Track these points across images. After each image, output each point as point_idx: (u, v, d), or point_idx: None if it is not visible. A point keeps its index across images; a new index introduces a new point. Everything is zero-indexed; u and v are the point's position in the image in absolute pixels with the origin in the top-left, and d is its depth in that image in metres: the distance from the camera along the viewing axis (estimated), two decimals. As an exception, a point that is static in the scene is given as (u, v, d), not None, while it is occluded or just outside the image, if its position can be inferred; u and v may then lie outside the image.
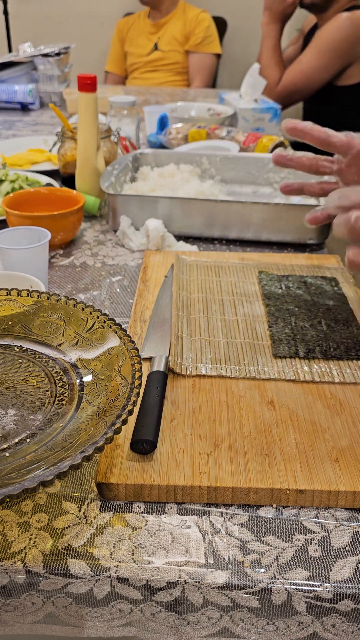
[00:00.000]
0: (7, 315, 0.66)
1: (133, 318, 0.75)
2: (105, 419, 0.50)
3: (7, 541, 0.48)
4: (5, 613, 0.49)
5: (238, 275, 0.86)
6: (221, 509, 0.52)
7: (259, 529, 0.50)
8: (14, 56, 2.12)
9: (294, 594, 0.46)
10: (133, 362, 0.56)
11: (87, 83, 1.05)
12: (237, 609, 0.47)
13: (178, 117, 1.56)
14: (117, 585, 0.47)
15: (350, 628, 0.47)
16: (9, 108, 2.04)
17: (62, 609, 0.48)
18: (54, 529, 0.49)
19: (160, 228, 0.95)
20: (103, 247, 1.01)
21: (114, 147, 1.22)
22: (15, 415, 0.55)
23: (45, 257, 0.82)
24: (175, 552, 0.48)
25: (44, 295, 0.66)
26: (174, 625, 0.48)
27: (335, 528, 0.50)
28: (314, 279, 0.85)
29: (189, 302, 0.79)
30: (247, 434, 0.57)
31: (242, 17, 3.20)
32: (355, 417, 0.60)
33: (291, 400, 0.62)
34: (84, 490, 0.53)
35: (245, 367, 0.67)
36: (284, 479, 0.52)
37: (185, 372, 0.65)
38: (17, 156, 1.42)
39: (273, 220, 0.98)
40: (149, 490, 0.52)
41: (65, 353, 0.62)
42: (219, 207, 0.99)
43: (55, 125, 1.84)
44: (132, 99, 1.47)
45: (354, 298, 0.81)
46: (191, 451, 0.55)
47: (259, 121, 1.63)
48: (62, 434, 0.52)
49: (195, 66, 2.82)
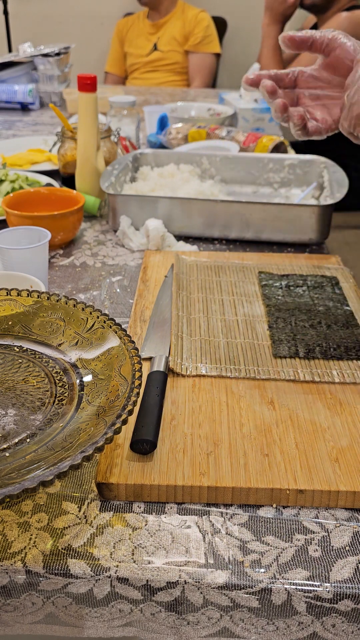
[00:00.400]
0: (7, 315, 0.66)
1: (133, 318, 0.75)
2: (105, 419, 0.50)
3: (7, 541, 0.48)
4: (5, 613, 0.49)
5: (238, 275, 0.86)
6: (221, 509, 0.52)
7: (259, 529, 0.50)
8: (14, 56, 2.12)
9: (294, 594, 0.46)
10: (133, 362, 0.56)
11: (87, 83, 1.05)
12: (237, 609, 0.47)
13: (178, 117, 1.56)
14: (117, 585, 0.47)
15: (350, 628, 0.47)
16: (9, 108, 2.04)
17: (62, 609, 0.48)
18: (54, 529, 0.49)
19: (160, 228, 0.95)
20: (103, 247, 1.01)
21: (114, 147, 1.22)
22: (15, 415, 0.55)
23: (45, 257, 0.82)
24: (175, 552, 0.48)
25: (44, 295, 0.66)
26: (174, 625, 0.48)
27: (335, 528, 0.50)
28: (314, 278, 0.85)
29: (189, 302, 0.79)
30: (247, 434, 0.57)
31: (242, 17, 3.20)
32: (355, 417, 0.60)
33: (291, 400, 0.62)
34: (84, 490, 0.53)
35: (245, 367, 0.67)
36: (284, 479, 0.52)
37: (185, 372, 0.65)
38: (17, 156, 1.42)
39: (273, 220, 0.98)
40: (149, 490, 0.52)
41: (65, 353, 0.62)
42: (219, 207, 0.99)
43: (55, 125, 1.84)
44: (132, 99, 1.47)
45: (354, 298, 0.81)
46: (191, 451, 0.55)
47: (259, 121, 1.63)
48: (62, 434, 0.52)
49: (195, 66, 2.82)
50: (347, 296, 0.81)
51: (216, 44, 2.85)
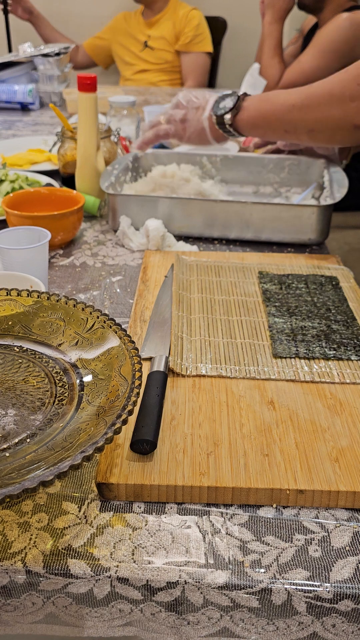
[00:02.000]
0: (7, 315, 0.66)
1: (133, 318, 0.75)
2: (105, 419, 0.50)
3: (7, 541, 0.48)
4: (6, 613, 0.49)
5: (238, 275, 0.86)
6: (221, 509, 0.52)
7: (259, 529, 0.50)
8: (14, 56, 2.12)
9: (294, 594, 0.46)
10: (133, 362, 0.56)
11: (87, 83, 1.05)
12: (237, 609, 0.47)
13: (178, 117, 1.56)
14: (117, 585, 0.47)
15: (350, 628, 0.47)
16: (9, 108, 2.04)
17: (62, 609, 0.48)
18: (54, 529, 0.49)
19: (160, 228, 0.95)
20: (103, 247, 1.01)
21: (114, 147, 1.22)
22: (15, 415, 0.55)
23: (45, 257, 0.82)
24: (175, 552, 0.48)
25: (44, 295, 0.66)
26: (174, 625, 0.48)
27: (335, 528, 0.50)
28: (314, 278, 0.85)
29: (189, 302, 0.79)
30: (247, 434, 0.57)
31: (242, 17, 3.20)
32: (355, 417, 0.60)
33: (291, 400, 0.62)
34: (84, 490, 0.53)
35: (245, 367, 0.67)
36: (284, 479, 0.52)
37: (185, 372, 0.65)
38: (17, 156, 1.42)
39: (273, 220, 0.98)
40: (149, 491, 0.52)
41: (65, 353, 0.62)
42: (219, 207, 0.99)
43: (55, 125, 1.84)
44: (132, 99, 1.47)
45: (354, 298, 0.81)
46: (191, 451, 0.55)
47: (259, 121, 1.63)
48: (62, 434, 0.52)
49: (187, 66, 2.77)
50: (347, 296, 0.81)
51: (208, 42, 2.78)
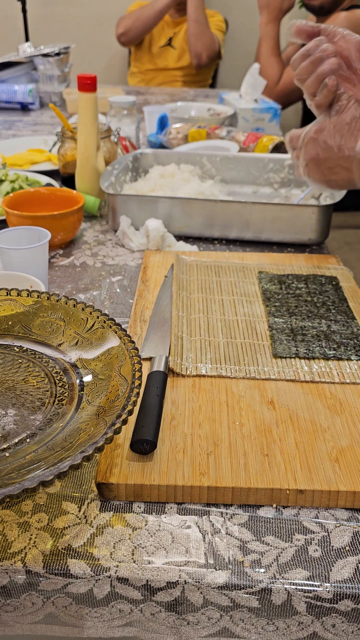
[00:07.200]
0: (7, 315, 0.66)
1: (133, 318, 0.75)
2: (105, 419, 0.50)
3: (7, 541, 0.48)
4: (5, 613, 0.49)
5: (238, 275, 0.86)
6: (221, 509, 0.52)
7: (259, 529, 0.50)
8: (14, 56, 2.12)
9: (294, 594, 0.46)
10: (133, 362, 0.56)
11: (87, 83, 1.05)
12: (237, 609, 0.47)
13: (178, 117, 1.56)
14: (117, 585, 0.47)
15: (350, 628, 0.47)
16: (9, 108, 2.04)
17: (62, 609, 0.48)
18: (54, 529, 0.49)
19: (160, 228, 0.95)
20: (103, 247, 1.01)
21: (114, 147, 1.22)
22: (15, 415, 0.55)
23: (45, 257, 0.82)
24: (175, 552, 0.48)
25: (44, 295, 0.66)
26: (174, 625, 0.48)
27: (335, 528, 0.50)
28: (313, 278, 0.85)
29: (189, 302, 0.79)
30: (247, 434, 0.57)
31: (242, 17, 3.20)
32: (355, 417, 0.60)
33: (291, 400, 0.62)
34: (84, 490, 0.53)
35: (245, 367, 0.67)
36: (284, 479, 0.52)
37: (185, 372, 0.65)
38: (17, 156, 1.42)
39: (273, 220, 0.98)
40: (149, 490, 0.52)
41: (65, 353, 0.62)
42: (219, 207, 0.99)
43: (55, 125, 1.84)
44: (132, 99, 1.47)
45: (354, 298, 0.81)
46: (191, 451, 0.55)
47: (259, 121, 1.63)
48: (62, 434, 0.52)
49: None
50: (347, 296, 0.81)
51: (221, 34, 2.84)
